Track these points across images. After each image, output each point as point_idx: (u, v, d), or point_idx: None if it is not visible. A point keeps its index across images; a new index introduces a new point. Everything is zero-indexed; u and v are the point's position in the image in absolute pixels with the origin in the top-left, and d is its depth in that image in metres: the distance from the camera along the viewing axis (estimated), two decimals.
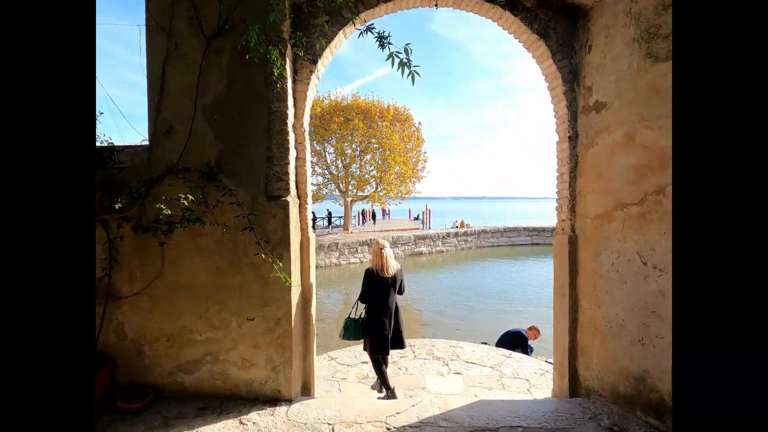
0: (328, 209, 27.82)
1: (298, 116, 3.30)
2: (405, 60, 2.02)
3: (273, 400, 3.13)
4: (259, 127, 3.11)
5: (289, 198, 3.12)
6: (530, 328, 6.06)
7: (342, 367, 4.87)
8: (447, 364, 4.87)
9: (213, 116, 3.07)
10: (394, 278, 3.86)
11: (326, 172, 25.59)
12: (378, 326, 3.80)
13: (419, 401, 3.16)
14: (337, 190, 26.18)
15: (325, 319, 11.65)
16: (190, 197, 2.78)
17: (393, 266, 3.86)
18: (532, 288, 15.98)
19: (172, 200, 2.86)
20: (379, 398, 3.84)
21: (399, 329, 3.97)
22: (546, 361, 5.51)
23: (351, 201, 26.54)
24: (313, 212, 22.40)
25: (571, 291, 3.37)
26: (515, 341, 5.93)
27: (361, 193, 26.35)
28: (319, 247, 21.07)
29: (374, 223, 33.40)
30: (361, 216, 34.57)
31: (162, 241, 2.98)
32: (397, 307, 3.97)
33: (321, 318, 11.53)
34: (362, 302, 3.92)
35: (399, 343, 3.99)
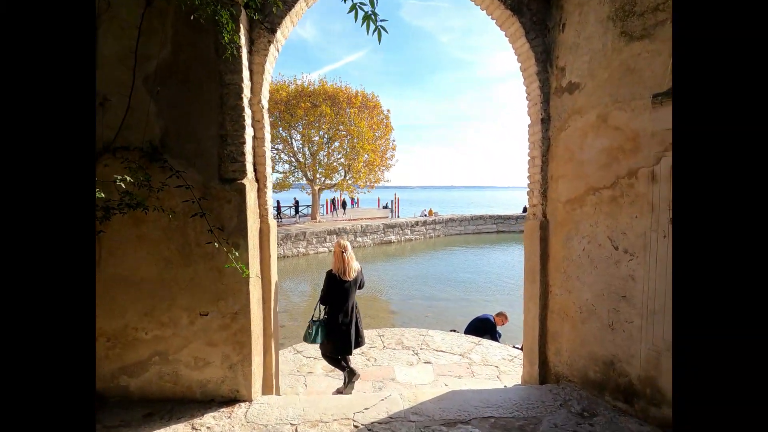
0: (295, 198, 27.14)
1: (255, 91, 3.00)
2: (370, 12, 1.78)
3: (231, 401, 2.88)
4: (211, 101, 2.79)
5: (245, 181, 2.84)
6: (498, 315, 6.08)
7: (308, 360, 4.67)
8: (416, 353, 4.77)
9: (156, 88, 2.72)
10: (355, 280, 3.86)
11: (293, 159, 24.88)
12: (341, 329, 3.77)
13: (388, 395, 3.02)
14: (304, 179, 25.56)
15: (292, 311, 11.35)
16: (129, 179, 2.44)
17: (355, 268, 3.84)
18: (498, 275, 16.34)
19: (108, 183, 2.51)
20: (340, 392, 3.79)
21: (359, 328, 3.97)
22: (514, 347, 5.56)
23: (319, 189, 26.01)
24: (277, 201, 21.74)
25: (541, 277, 3.32)
26: (484, 327, 5.94)
27: (329, 182, 25.85)
28: (286, 237, 20.56)
29: (344, 211, 32.99)
30: (331, 204, 34.05)
31: (98, 229, 2.63)
32: (356, 306, 3.99)
33: (288, 310, 11.21)
34: (323, 304, 3.85)
35: (359, 343, 4.00)
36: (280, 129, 23.26)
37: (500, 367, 4.41)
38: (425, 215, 30.63)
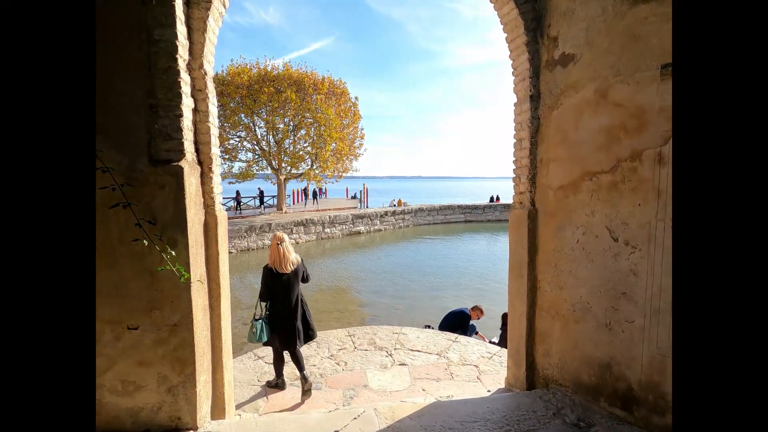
0: (259, 188, 25.94)
1: (195, 53, 2.44)
2: None
3: (171, 430, 2.38)
4: (137, 62, 2.22)
5: (183, 163, 2.31)
6: (474, 308, 5.84)
7: (271, 368, 4.19)
8: (391, 354, 4.41)
9: None
10: (295, 272, 3.66)
11: (256, 148, 23.73)
12: (283, 323, 3.62)
13: (362, 412, 2.62)
14: (269, 168, 24.49)
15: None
16: None
17: (292, 260, 3.64)
18: (467, 265, 16.33)
19: None
20: (269, 385, 3.78)
21: (308, 321, 3.79)
22: (490, 342, 5.33)
23: (285, 179, 25.03)
24: (237, 191, 20.65)
25: (529, 271, 3.01)
26: (459, 321, 5.68)
27: (295, 171, 24.94)
28: (251, 229, 19.64)
29: (316, 201, 32.04)
30: (303, 194, 32.96)
31: None
32: (302, 300, 3.78)
33: (252, 306, 10.57)
34: (263, 301, 3.70)
35: (310, 336, 3.82)
36: (243, 115, 22.04)
37: (480, 367, 4.13)
38: (394, 205, 30.37)
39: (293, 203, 34.60)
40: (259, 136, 23.36)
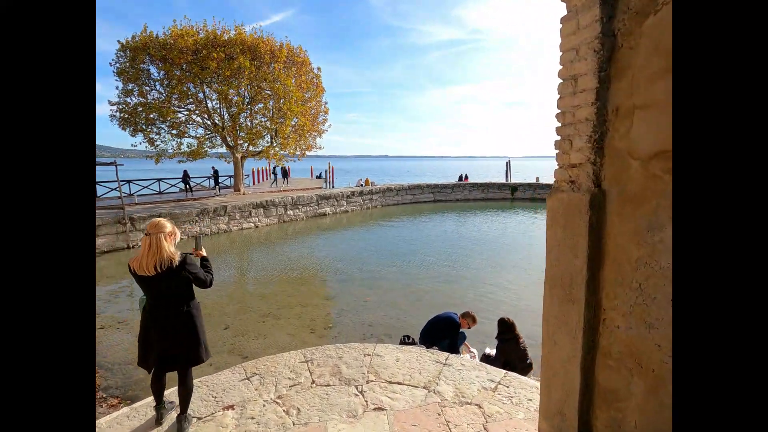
0: (213, 167, 23.56)
1: None
2: None
3: None
4: None
5: None
6: (464, 315, 4.74)
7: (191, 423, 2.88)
8: (362, 392, 3.22)
9: None
10: (169, 273, 2.62)
11: (208, 122, 21.38)
12: (152, 338, 2.73)
13: None
14: (224, 146, 22.24)
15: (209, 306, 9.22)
16: None
17: (162, 259, 2.59)
18: (438, 247, 15.42)
19: None
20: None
21: (195, 338, 2.82)
22: (485, 355, 4.28)
23: (242, 157, 22.90)
24: (185, 171, 18.46)
25: (588, 293, 1.86)
26: (446, 330, 4.58)
27: (253, 149, 22.86)
28: (203, 212, 17.72)
29: (286, 180, 29.95)
30: (265, 174, 30.77)
31: None
32: (186, 311, 2.78)
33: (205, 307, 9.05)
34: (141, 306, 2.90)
35: (193, 359, 2.86)
36: (190, 85, 19.57)
37: (484, 407, 3.03)
38: (362, 185, 28.99)
39: (253, 183, 32.38)
40: (211, 110, 21.01)
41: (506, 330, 4.29)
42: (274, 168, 29.57)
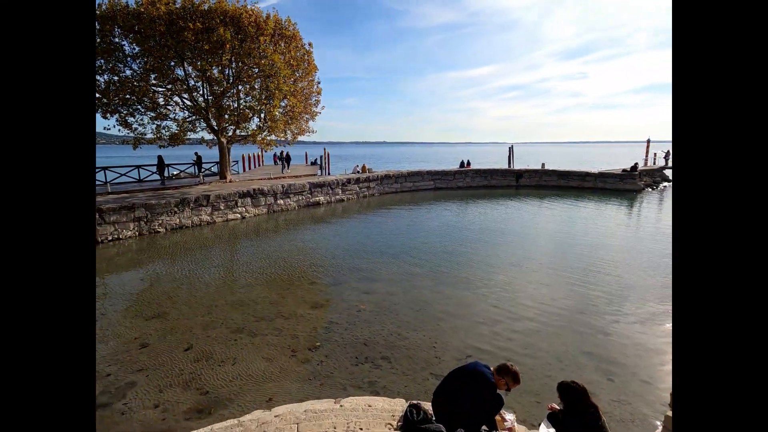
0: (196, 152, 21.68)
1: None
2: None
3: None
4: None
5: None
6: (501, 370, 3.17)
7: None
8: None
9: None
10: None
11: (189, 103, 19.54)
12: None
13: None
14: (208, 131, 20.44)
15: (172, 319, 7.69)
16: None
17: None
18: (443, 240, 13.89)
19: None
20: None
21: None
22: None
23: (228, 143, 21.14)
24: (159, 157, 16.49)
25: None
26: (476, 384, 3.07)
27: (240, 133, 21.08)
28: (183, 202, 16.10)
29: (287, 167, 28.24)
30: (278, 159, 29.15)
31: None
32: None
33: (163, 314, 7.49)
34: None
35: None
36: (171, 63, 17.69)
37: None
38: (358, 172, 27.32)
39: (243, 170, 30.64)
40: (192, 89, 19.14)
41: (576, 399, 2.81)
42: (280, 153, 27.83)
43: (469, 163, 33.09)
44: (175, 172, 23.82)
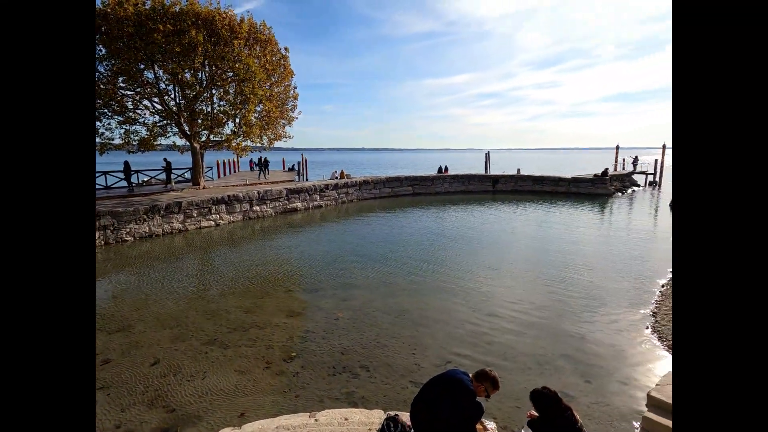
0: (165, 158, 20.88)
1: None
2: None
3: None
4: None
5: None
6: (479, 376, 3.08)
7: None
8: None
9: None
10: None
11: (160, 107, 18.89)
12: None
13: None
14: (180, 136, 19.75)
15: (137, 333, 7.26)
16: None
17: None
18: (422, 246, 13.85)
19: None
20: None
21: None
22: None
23: (201, 148, 20.54)
24: (126, 162, 15.79)
25: None
26: (454, 391, 2.95)
27: (214, 138, 20.53)
28: (152, 210, 15.48)
29: (266, 172, 27.59)
30: (256, 165, 28.40)
31: None
32: None
33: (127, 325, 7.05)
34: None
35: None
36: (141, 65, 17.06)
37: None
38: (336, 177, 27.10)
39: (218, 176, 29.86)
40: (163, 93, 18.52)
41: (548, 406, 2.74)
42: (259, 159, 27.23)
43: (447, 169, 33.39)
44: (145, 179, 22.92)
